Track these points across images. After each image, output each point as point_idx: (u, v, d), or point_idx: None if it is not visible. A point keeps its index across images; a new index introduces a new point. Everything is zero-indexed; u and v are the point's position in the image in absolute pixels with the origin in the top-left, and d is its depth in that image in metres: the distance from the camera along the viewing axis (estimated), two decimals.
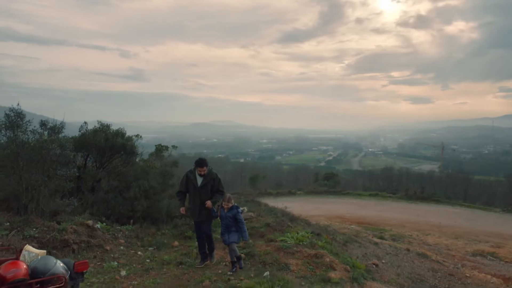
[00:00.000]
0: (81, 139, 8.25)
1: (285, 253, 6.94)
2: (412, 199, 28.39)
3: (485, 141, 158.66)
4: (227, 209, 5.90)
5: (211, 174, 6.10)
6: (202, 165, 5.99)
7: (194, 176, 6.03)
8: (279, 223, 8.32)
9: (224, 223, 5.91)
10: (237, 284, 5.40)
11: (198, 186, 5.98)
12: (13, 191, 6.55)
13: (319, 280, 6.02)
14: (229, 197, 6.01)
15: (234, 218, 5.83)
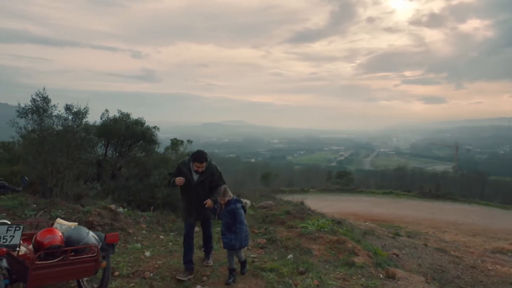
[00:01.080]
0: (102, 127, 8.34)
1: (306, 238, 6.91)
2: (427, 197, 28.01)
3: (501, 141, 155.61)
4: (224, 204, 4.80)
5: (210, 167, 4.98)
6: (202, 161, 4.82)
7: (189, 170, 4.92)
8: (299, 211, 8.30)
9: (224, 222, 4.82)
10: (262, 265, 5.39)
11: (195, 182, 4.92)
12: (39, 175, 6.66)
13: (343, 264, 5.98)
14: (225, 190, 4.83)
15: (232, 214, 4.74)
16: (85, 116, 7.00)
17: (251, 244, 6.64)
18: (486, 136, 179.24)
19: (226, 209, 4.75)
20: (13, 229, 2.95)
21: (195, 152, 4.98)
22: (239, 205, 4.78)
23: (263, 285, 4.73)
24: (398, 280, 5.53)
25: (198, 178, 4.93)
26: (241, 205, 4.80)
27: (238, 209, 4.72)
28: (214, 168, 5.02)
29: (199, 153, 4.93)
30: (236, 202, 4.80)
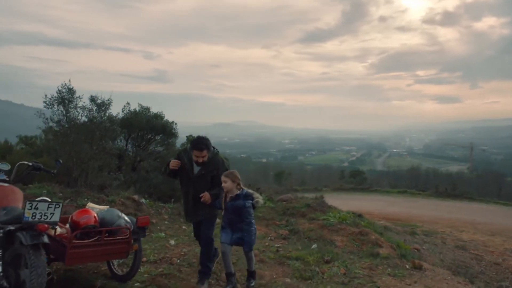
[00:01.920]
0: (124, 119, 8.44)
1: (329, 230, 6.88)
2: (442, 197, 27.53)
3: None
4: (231, 197, 3.84)
5: (216, 161, 4.06)
6: (202, 148, 3.89)
7: (189, 160, 4.04)
8: (319, 204, 8.27)
9: (227, 217, 3.91)
10: (287, 254, 5.38)
11: (194, 175, 4.02)
12: (64, 165, 6.77)
13: (367, 254, 5.93)
14: (235, 173, 3.89)
15: (238, 212, 3.79)
16: (109, 108, 7.12)
17: (274, 234, 6.64)
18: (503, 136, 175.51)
19: (232, 203, 3.80)
20: (53, 207, 2.99)
21: (194, 139, 4.11)
22: (249, 202, 3.80)
23: (290, 273, 4.72)
24: (425, 271, 5.45)
25: (198, 170, 4.01)
26: (251, 203, 3.82)
27: (246, 208, 3.76)
28: (219, 162, 4.08)
29: (198, 139, 4.04)
30: (245, 198, 3.82)
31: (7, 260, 3.01)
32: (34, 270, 2.81)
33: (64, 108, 6.63)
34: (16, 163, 3.97)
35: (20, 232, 2.94)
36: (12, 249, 3.02)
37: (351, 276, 4.76)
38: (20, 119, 39.19)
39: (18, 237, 2.93)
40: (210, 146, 4.02)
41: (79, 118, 6.83)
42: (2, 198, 3.43)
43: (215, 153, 4.13)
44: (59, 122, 6.68)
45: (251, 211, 3.85)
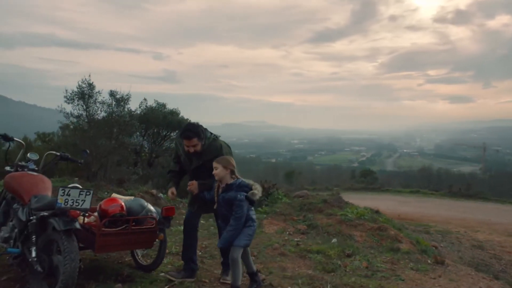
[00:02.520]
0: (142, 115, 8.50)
1: (347, 225, 6.84)
2: (456, 197, 27.13)
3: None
4: (223, 188, 3.32)
5: (212, 147, 3.58)
6: (190, 136, 3.48)
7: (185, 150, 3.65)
8: (336, 200, 8.22)
9: (220, 213, 3.41)
10: (308, 247, 5.36)
11: (190, 167, 3.68)
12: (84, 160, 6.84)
13: (388, 249, 5.89)
14: (227, 159, 3.35)
15: (229, 205, 3.24)
16: (127, 103, 7.18)
17: (292, 229, 6.63)
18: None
19: (223, 195, 3.26)
20: (84, 194, 3.02)
21: (182, 127, 3.68)
22: (242, 194, 3.19)
23: (312, 265, 4.70)
24: (447, 266, 5.39)
25: (195, 161, 3.61)
26: (244, 196, 3.20)
27: (237, 200, 3.18)
28: (217, 149, 3.55)
29: (186, 126, 3.62)
30: (239, 189, 3.23)
31: (40, 245, 3.05)
32: (68, 255, 2.84)
33: (84, 103, 6.72)
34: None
35: (53, 218, 2.98)
36: (45, 235, 3.07)
37: (374, 269, 4.72)
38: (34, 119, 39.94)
39: (51, 223, 2.97)
40: (201, 133, 3.53)
41: (98, 113, 6.92)
42: (33, 186, 3.48)
43: (212, 139, 3.64)
44: (79, 117, 6.77)
45: (244, 206, 3.18)
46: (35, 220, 3.07)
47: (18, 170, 3.78)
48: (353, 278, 4.14)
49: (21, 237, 3.24)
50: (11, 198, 3.68)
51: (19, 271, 3.32)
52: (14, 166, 3.80)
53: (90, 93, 6.74)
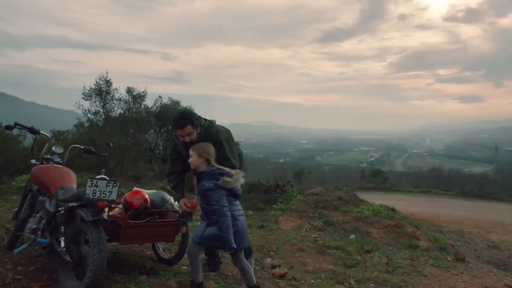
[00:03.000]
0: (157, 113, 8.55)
1: (364, 222, 6.80)
2: (468, 197, 26.78)
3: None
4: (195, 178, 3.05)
5: (209, 134, 3.32)
6: (182, 125, 3.21)
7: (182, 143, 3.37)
8: (351, 197, 8.19)
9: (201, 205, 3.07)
10: (326, 243, 5.34)
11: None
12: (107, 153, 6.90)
13: (406, 246, 5.84)
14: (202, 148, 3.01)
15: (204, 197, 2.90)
16: (144, 99, 7.22)
17: (308, 226, 6.61)
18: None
19: (198, 186, 2.98)
20: (111, 185, 3.04)
21: (175, 116, 3.39)
22: (211, 183, 2.85)
23: (332, 261, 4.68)
24: (468, 264, 5.32)
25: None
26: (213, 184, 2.84)
27: (206, 190, 2.85)
28: (214, 134, 3.30)
29: (177, 115, 3.37)
30: (209, 177, 2.89)
31: (68, 236, 3.08)
32: (96, 245, 2.86)
33: (102, 100, 6.78)
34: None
35: (81, 209, 3.01)
36: (73, 226, 3.10)
37: (394, 265, 4.69)
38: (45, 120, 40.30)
39: (79, 214, 3.00)
40: (194, 119, 3.26)
41: (115, 110, 6.98)
42: (59, 178, 3.52)
43: (207, 126, 3.36)
44: (97, 113, 6.83)
45: (214, 196, 2.82)
46: (63, 211, 3.10)
47: (44, 163, 3.83)
48: (375, 273, 4.11)
49: (48, 228, 3.27)
50: (37, 190, 3.74)
51: (48, 261, 3.37)
52: (40, 159, 3.85)
53: (108, 90, 6.81)
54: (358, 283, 3.65)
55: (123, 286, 3.13)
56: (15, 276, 3.17)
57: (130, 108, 6.77)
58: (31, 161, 3.98)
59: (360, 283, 3.67)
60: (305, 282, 3.58)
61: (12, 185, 6.56)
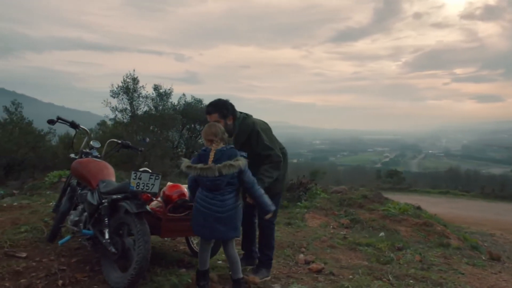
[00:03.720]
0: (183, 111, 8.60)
1: (391, 220, 6.73)
2: (489, 198, 26.20)
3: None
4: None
5: (244, 126, 3.21)
6: (209, 112, 3.14)
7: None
8: (376, 195, 8.10)
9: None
10: (356, 240, 5.29)
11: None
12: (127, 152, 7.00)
13: (437, 244, 5.75)
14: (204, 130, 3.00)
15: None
16: (170, 97, 7.28)
17: (335, 224, 6.56)
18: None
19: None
20: (153, 178, 3.06)
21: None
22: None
23: (365, 258, 4.63)
24: (504, 263, 5.20)
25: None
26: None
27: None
28: (249, 126, 3.17)
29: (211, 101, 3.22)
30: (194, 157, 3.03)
31: (110, 228, 3.12)
32: (141, 237, 2.89)
33: (128, 97, 6.86)
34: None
35: (125, 202, 3.04)
36: (116, 218, 3.14)
37: (428, 263, 4.61)
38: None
39: (123, 206, 3.04)
40: (224, 109, 3.12)
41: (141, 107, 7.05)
42: (99, 172, 3.58)
43: (242, 118, 3.22)
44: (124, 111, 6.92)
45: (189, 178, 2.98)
46: (107, 204, 3.14)
47: (82, 157, 3.90)
48: (412, 269, 4.05)
49: (91, 220, 3.33)
50: (76, 184, 3.80)
51: (90, 252, 3.42)
52: (79, 153, 3.92)
53: (135, 87, 6.89)
54: (396, 279, 3.60)
55: (164, 279, 3.15)
56: (60, 267, 3.23)
57: (157, 106, 6.85)
58: (70, 155, 4.06)
59: (399, 279, 3.61)
60: (343, 278, 3.55)
61: (45, 181, 6.73)
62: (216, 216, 2.85)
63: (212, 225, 2.86)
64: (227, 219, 2.87)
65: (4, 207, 4.74)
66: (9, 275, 3.00)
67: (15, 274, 3.03)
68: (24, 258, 3.37)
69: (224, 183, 2.84)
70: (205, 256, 3.06)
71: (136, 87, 6.95)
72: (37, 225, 4.17)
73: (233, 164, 2.79)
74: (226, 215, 2.86)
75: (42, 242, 3.79)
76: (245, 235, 3.71)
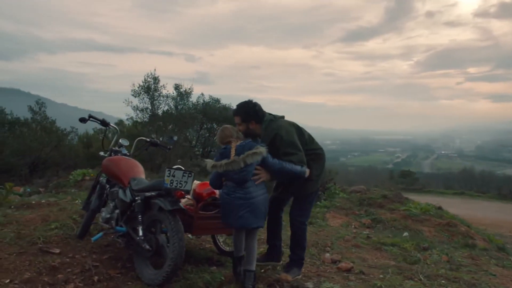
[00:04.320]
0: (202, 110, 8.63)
1: (413, 220, 6.65)
2: (506, 199, 25.73)
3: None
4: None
5: (269, 130, 3.24)
6: (233, 114, 3.34)
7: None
8: (396, 195, 8.01)
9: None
10: (380, 240, 5.24)
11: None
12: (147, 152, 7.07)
13: (462, 245, 5.66)
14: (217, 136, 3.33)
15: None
16: (190, 96, 7.31)
17: (357, 223, 6.51)
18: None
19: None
20: (186, 175, 3.08)
21: None
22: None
23: (390, 257, 4.58)
24: None
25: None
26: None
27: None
28: (274, 129, 3.21)
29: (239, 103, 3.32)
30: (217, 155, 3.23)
31: (143, 225, 3.14)
32: (175, 234, 2.90)
33: (149, 96, 6.91)
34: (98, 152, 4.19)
35: (159, 199, 3.06)
36: (149, 215, 3.16)
37: (456, 263, 4.53)
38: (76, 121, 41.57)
39: (157, 203, 3.05)
40: (243, 114, 3.23)
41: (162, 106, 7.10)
42: (130, 169, 3.61)
43: (268, 121, 3.27)
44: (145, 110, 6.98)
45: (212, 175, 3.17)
46: (140, 201, 3.17)
47: (112, 154, 3.93)
48: (442, 270, 3.99)
49: (123, 218, 3.36)
50: (105, 181, 3.84)
51: (123, 249, 3.45)
52: (109, 151, 3.96)
53: (155, 87, 6.95)
54: (428, 279, 3.55)
55: (196, 276, 3.16)
56: (93, 263, 3.27)
57: (177, 105, 6.89)
58: (99, 153, 4.10)
59: (430, 279, 3.57)
60: (374, 277, 3.52)
61: (69, 179, 6.83)
62: (245, 204, 2.97)
63: (240, 214, 2.98)
64: (254, 209, 2.98)
65: (32, 204, 4.83)
66: (46, 270, 3.05)
67: (51, 269, 3.08)
68: (57, 254, 3.42)
69: (250, 174, 2.99)
70: (239, 244, 3.16)
71: (157, 87, 7.02)
72: (66, 222, 4.22)
73: (255, 152, 2.92)
74: (253, 203, 2.98)
75: (72, 239, 3.84)
76: (269, 229, 3.72)
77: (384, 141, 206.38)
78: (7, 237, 3.61)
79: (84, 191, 6.13)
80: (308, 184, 3.30)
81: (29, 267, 3.07)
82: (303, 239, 3.52)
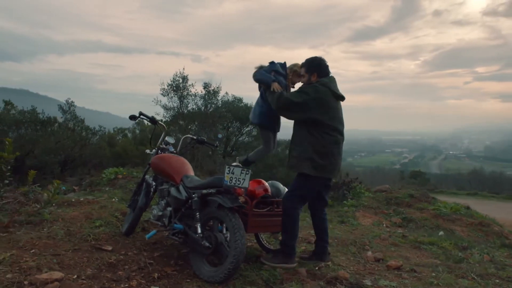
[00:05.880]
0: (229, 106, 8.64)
1: (444, 219, 6.60)
2: None
3: None
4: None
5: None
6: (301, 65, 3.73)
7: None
8: (423, 194, 7.96)
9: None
10: (418, 239, 5.20)
11: None
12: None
13: (500, 245, 5.59)
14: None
15: None
16: (218, 95, 7.33)
17: (387, 222, 6.48)
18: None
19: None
20: (244, 172, 3.08)
21: None
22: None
23: (432, 256, 4.54)
24: None
25: None
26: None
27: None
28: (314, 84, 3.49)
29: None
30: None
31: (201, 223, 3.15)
32: (237, 231, 2.90)
33: (178, 95, 6.94)
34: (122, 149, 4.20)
35: (218, 196, 3.07)
36: (206, 212, 3.16)
37: (499, 263, 4.47)
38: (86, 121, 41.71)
39: (216, 200, 3.06)
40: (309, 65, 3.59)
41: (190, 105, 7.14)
42: (181, 167, 3.62)
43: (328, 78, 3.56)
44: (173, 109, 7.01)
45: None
46: (197, 198, 3.17)
47: (159, 152, 3.95)
48: (492, 269, 3.95)
49: (176, 215, 3.37)
50: (152, 179, 3.85)
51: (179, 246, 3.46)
52: (156, 149, 3.98)
53: (184, 85, 6.98)
54: (481, 278, 3.52)
55: (254, 273, 3.16)
56: (147, 261, 3.28)
57: (207, 103, 6.92)
58: (146, 151, 4.12)
59: (483, 278, 3.53)
60: (426, 275, 3.49)
61: (102, 178, 6.88)
62: None
63: None
64: None
65: (72, 202, 4.86)
66: (105, 267, 3.06)
67: (110, 266, 3.10)
68: (110, 251, 3.44)
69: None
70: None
71: (185, 85, 7.05)
72: (110, 220, 4.24)
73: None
74: None
75: (119, 236, 3.86)
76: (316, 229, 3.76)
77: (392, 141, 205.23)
78: (59, 234, 3.64)
79: (118, 189, 6.17)
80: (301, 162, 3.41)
81: (88, 263, 3.09)
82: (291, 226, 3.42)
